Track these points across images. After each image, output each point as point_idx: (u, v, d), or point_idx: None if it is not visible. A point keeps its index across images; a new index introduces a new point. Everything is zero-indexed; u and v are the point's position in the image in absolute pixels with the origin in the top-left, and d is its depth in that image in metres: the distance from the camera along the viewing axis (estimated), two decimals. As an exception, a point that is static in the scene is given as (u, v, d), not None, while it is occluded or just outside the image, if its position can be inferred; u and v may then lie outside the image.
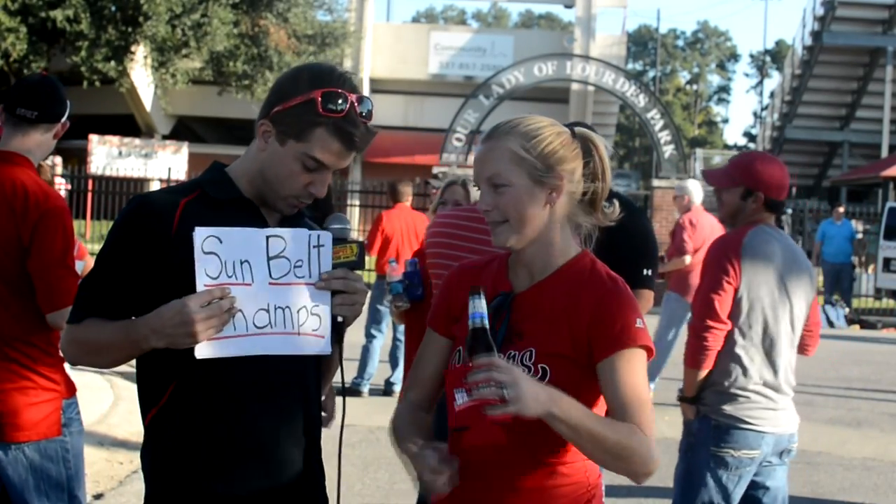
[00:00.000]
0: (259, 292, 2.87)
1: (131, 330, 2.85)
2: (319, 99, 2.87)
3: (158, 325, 2.77)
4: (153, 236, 2.89)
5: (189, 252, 2.82)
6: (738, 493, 5.19)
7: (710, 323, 5.03)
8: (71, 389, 4.41)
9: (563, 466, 2.84)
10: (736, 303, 5.07)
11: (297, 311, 2.91)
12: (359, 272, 2.99)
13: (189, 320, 2.73)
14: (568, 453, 2.84)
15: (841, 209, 25.24)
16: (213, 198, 2.97)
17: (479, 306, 2.72)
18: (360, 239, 3.06)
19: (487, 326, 2.71)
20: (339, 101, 2.88)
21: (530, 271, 2.92)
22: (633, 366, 2.79)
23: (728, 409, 5.06)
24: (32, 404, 4.24)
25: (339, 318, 2.97)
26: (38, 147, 4.40)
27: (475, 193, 5.86)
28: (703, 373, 5.09)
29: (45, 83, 4.47)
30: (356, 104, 2.91)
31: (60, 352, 3.04)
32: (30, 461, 4.26)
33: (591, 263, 2.93)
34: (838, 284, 24.23)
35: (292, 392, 3.00)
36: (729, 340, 5.08)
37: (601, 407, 2.89)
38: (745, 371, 5.07)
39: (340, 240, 2.96)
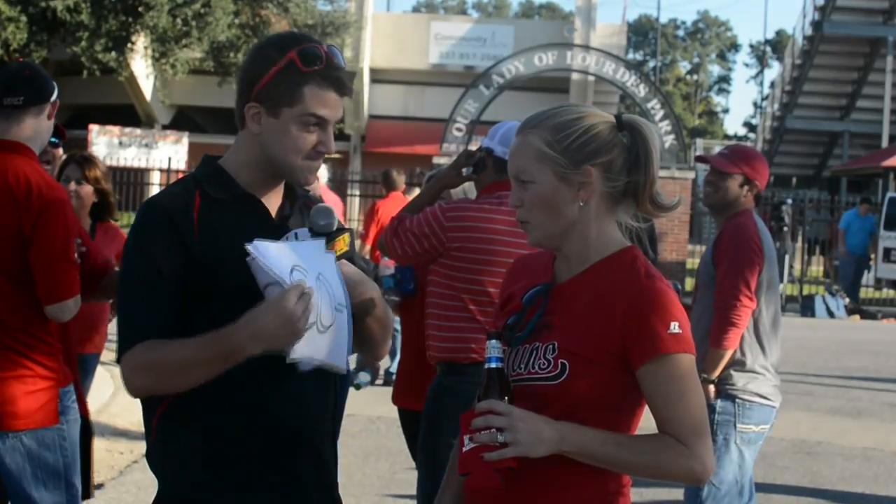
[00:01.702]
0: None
1: (222, 343, 2.71)
2: (297, 58, 2.86)
3: (257, 329, 2.66)
4: (183, 243, 2.84)
5: (212, 257, 2.80)
6: (752, 467, 5.51)
7: (744, 301, 5.26)
8: (67, 378, 4.42)
9: (587, 472, 2.70)
10: (759, 283, 5.34)
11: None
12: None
13: (291, 318, 2.63)
14: (573, 472, 2.71)
15: (866, 205, 25.36)
16: (217, 198, 2.92)
17: (495, 350, 2.69)
18: (349, 227, 2.99)
19: (502, 369, 2.68)
20: (316, 54, 2.87)
21: (569, 265, 2.82)
22: (669, 373, 2.66)
23: (752, 386, 5.35)
24: (30, 393, 4.25)
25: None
26: (36, 134, 4.39)
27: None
28: (731, 352, 5.29)
29: (23, 68, 4.46)
30: (329, 52, 2.89)
31: (125, 384, 2.90)
32: (27, 449, 4.27)
33: (633, 260, 2.79)
34: (856, 276, 24.32)
35: (310, 381, 2.94)
36: (752, 319, 5.36)
37: (635, 405, 2.79)
38: (763, 349, 5.39)
39: (331, 233, 2.90)
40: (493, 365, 2.68)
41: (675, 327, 2.67)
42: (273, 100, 2.88)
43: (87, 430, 4.80)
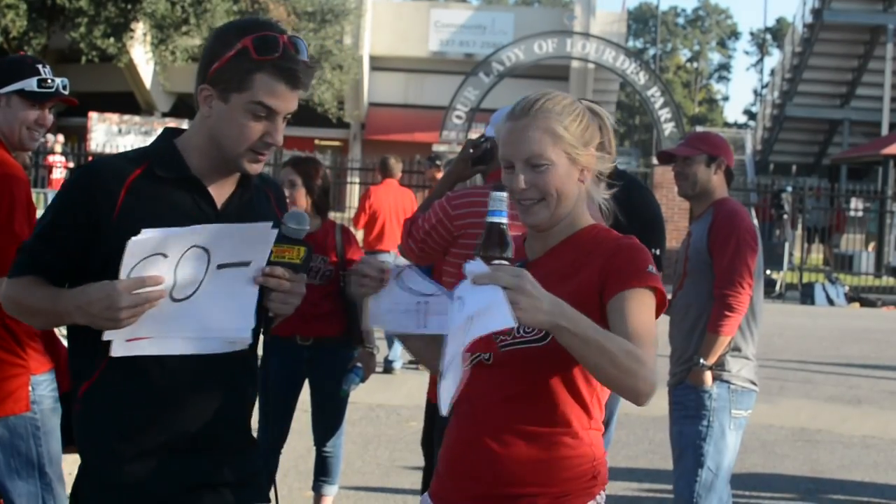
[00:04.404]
0: (182, 290, 2.82)
1: (58, 301, 2.82)
2: (252, 45, 2.83)
3: (84, 302, 2.73)
4: (95, 212, 2.85)
5: (129, 234, 2.76)
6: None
7: (746, 289, 5.28)
8: (43, 366, 4.34)
9: (568, 437, 2.83)
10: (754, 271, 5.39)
11: (220, 305, 2.85)
12: (302, 274, 2.90)
13: (115, 305, 2.69)
14: (573, 423, 2.83)
15: None
16: (160, 176, 2.92)
17: (501, 203, 2.61)
18: (309, 244, 2.93)
19: (504, 224, 2.61)
20: (272, 43, 2.84)
21: (545, 242, 2.93)
22: (640, 303, 2.76)
23: (744, 372, 5.41)
24: None
25: (270, 314, 2.90)
26: None
27: None
28: (729, 339, 5.31)
29: None
30: (289, 43, 2.86)
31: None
32: None
33: (605, 230, 2.96)
34: None
35: (225, 369, 2.97)
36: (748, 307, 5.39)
37: None
38: (752, 336, 5.45)
39: (290, 239, 2.86)
40: (496, 219, 2.61)
41: (651, 268, 2.81)
42: (224, 84, 2.87)
43: None
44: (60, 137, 26.69)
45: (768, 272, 22.83)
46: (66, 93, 4.47)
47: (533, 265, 2.89)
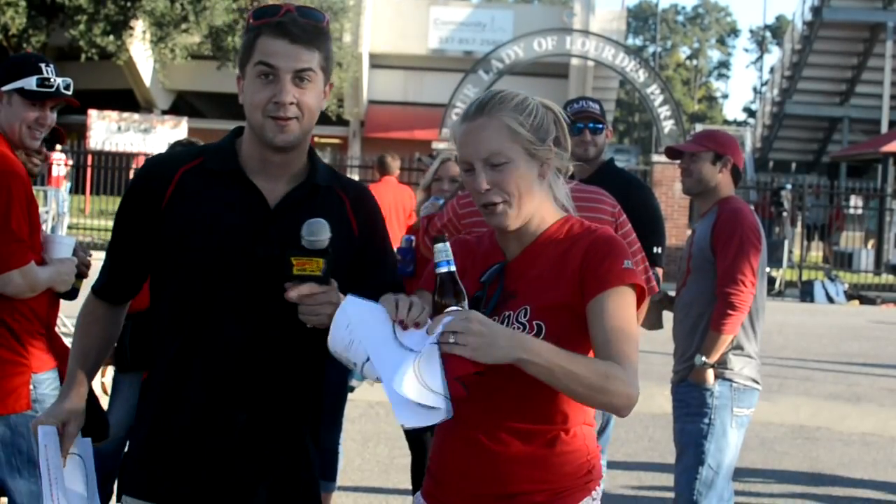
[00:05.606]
0: None
1: (70, 364, 3.13)
2: (251, 16, 2.90)
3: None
4: (147, 207, 2.91)
5: (176, 222, 2.86)
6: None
7: (749, 287, 5.27)
8: (45, 364, 4.32)
9: (563, 433, 2.83)
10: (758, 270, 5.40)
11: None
12: (327, 285, 2.79)
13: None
14: (568, 420, 2.83)
15: None
16: (209, 168, 2.93)
17: (444, 254, 2.69)
18: (329, 252, 2.79)
19: (453, 272, 2.69)
20: (270, 9, 2.87)
21: (520, 241, 2.91)
22: (619, 302, 2.76)
23: (747, 371, 5.40)
24: None
25: (308, 325, 2.82)
26: None
27: None
28: (731, 338, 5.31)
29: None
30: (292, 8, 2.87)
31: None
32: (0, 436, 4.24)
33: (578, 222, 2.94)
34: None
35: (273, 383, 2.94)
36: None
37: None
38: (755, 334, 5.44)
39: (308, 251, 2.77)
40: (445, 269, 2.70)
41: (627, 263, 2.80)
42: (241, 62, 2.92)
43: None
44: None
45: (768, 270, 22.82)
46: (69, 93, 4.44)
47: (511, 264, 2.91)
